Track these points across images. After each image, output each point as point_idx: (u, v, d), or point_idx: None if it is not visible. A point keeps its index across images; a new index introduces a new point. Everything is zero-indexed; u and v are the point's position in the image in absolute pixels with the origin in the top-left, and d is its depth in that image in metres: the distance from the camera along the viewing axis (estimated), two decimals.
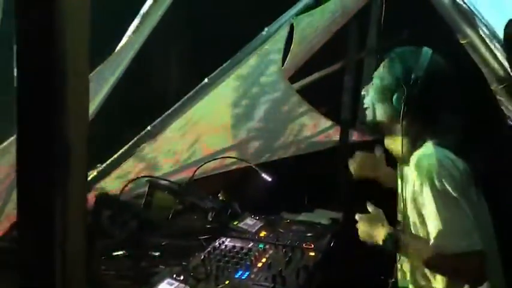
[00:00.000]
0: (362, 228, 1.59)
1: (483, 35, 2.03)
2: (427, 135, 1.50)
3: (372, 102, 1.60)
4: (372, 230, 1.55)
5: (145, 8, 1.57)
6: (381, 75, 1.57)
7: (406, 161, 1.55)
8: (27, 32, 0.49)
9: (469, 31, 2.04)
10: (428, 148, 1.48)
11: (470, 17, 2.02)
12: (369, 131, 1.63)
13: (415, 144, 1.52)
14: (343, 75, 2.78)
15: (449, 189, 1.38)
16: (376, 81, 1.59)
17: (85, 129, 0.52)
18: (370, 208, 1.62)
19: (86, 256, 0.55)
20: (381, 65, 1.60)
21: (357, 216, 1.62)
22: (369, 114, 1.62)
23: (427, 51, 1.53)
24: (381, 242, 1.52)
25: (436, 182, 1.39)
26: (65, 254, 0.49)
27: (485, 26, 2.03)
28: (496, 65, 2.01)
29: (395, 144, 1.58)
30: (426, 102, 1.49)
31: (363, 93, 1.65)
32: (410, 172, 1.52)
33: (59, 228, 0.50)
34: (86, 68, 0.52)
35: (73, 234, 0.51)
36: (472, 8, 2.01)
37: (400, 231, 1.56)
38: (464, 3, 2.02)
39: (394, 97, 1.51)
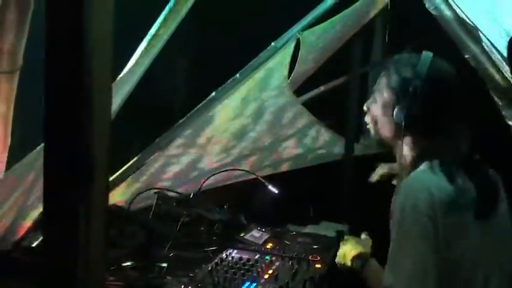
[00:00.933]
0: (342, 249, 1.60)
1: (486, 49, 2.05)
2: (429, 152, 1.37)
3: (373, 117, 1.50)
4: (349, 252, 1.56)
5: (154, 27, 1.60)
6: (380, 89, 1.47)
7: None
8: (56, 41, 0.52)
9: (472, 45, 2.06)
10: (416, 173, 1.34)
11: (473, 31, 2.05)
12: (378, 147, 1.54)
13: (417, 162, 1.38)
14: (348, 89, 2.81)
15: (413, 227, 1.25)
16: (375, 95, 1.49)
17: (107, 139, 0.55)
18: (362, 236, 1.61)
19: (105, 263, 0.58)
20: (380, 77, 1.50)
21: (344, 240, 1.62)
22: (371, 130, 1.53)
23: (426, 56, 1.39)
24: (349, 263, 1.53)
25: (399, 214, 1.28)
26: (88, 259, 0.52)
27: (487, 39, 2.05)
28: (499, 79, 2.04)
29: (399, 159, 1.46)
30: (427, 115, 1.36)
31: (364, 108, 1.55)
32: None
33: (82, 235, 0.52)
34: (110, 82, 0.56)
35: (95, 241, 0.53)
36: (474, 22, 2.04)
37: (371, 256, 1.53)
38: (467, 17, 2.05)
39: (395, 112, 1.39)
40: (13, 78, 1.09)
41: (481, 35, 2.03)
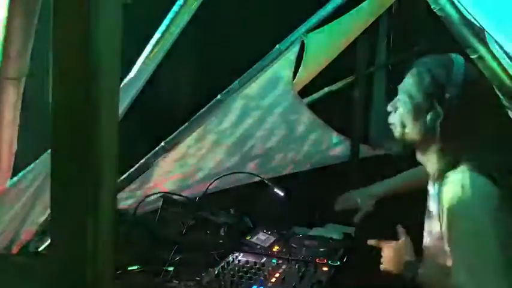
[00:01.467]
0: (387, 255, 1.51)
1: (493, 50, 2.03)
2: (464, 155, 1.36)
3: (401, 120, 1.46)
4: (396, 259, 1.47)
5: (159, 32, 1.61)
6: (409, 90, 1.44)
7: (439, 179, 1.41)
8: (63, 44, 0.52)
9: (478, 46, 2.04)
10: (464, 177, 1.32)
11: (480, 32, 2.04)
12: (398, 149, 1.49)
13: (450, 163, 1.37)
14: (353, 90, 2.80)
15: (481, 231, 1.23)
16: (403, 97, 1.45)
17: (115, 144, 0.55)
18: (401, 235, 1.52)
19: (114, 267, 0.57)
20: (407, 77, 1.47)
21: (383, 244, 1.53)
22: (397, 131, 1.49)
23: (459, 61, 1.40)
24: (398, 270, 1.44)
25: (465, 222, 1.26)
26: (96, 262, 0.51)
27: (494, 40, 2.03)
28: (507, 80, 2.02)
29: (430, 162, 1.46)
30: (464, 120, 1.35)
31: (389, 109, 1.51)
32: (443, 191, 1.38)
33: (90, 241, 0.52)
34: (117, 86, 0.55)
35: (103, 247, 0.53)
36: (480, 23, 2.02)
37: (421, 262, 1.45)
38: (474, 18, 2.03)
39: (428, 117, 1.38)
40: (19, 84, 1.09)
41: (487, 36, 2.01)
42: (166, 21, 1.65)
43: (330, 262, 1.83)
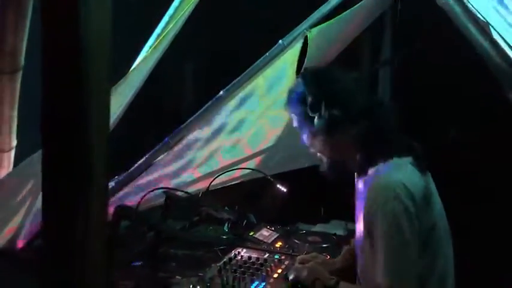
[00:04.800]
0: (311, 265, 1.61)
1: (497, 44, 2.02)
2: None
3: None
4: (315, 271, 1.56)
5: (161, 25, 1.60)
6: (298, 119, 1.55)
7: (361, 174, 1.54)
8: (53, 47, 0.52)
9: (483, 41, 2.03)
10: (386, 173, 1.44)
11: (484, 27, 2.02)
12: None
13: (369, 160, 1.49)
14: None
15: (403, 226, 1.34)
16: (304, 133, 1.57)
17: (106, 139, 0.55)
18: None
19: (106, 261, 0.58)
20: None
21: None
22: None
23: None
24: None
25: (390, 217, 1.35)
26: (85, 256, 0.51)
27: (499, 34, 2.01)
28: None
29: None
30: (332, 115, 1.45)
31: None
32: (365, 187, 1.49)
33: (80, 237, 0.52)
34: (109, 80, 0.55)
35: (94, 243, 0.53)
36: (484, 16, 2.00)
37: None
38: (478, 12, 2.01)
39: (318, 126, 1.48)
40: (15, 78, 1.10)
41: (492, 30, 2.00)
42: (167, 15, 1.64)
43: (333, 258, 1.83)
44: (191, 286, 1.56)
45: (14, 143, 1.27)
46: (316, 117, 1.47)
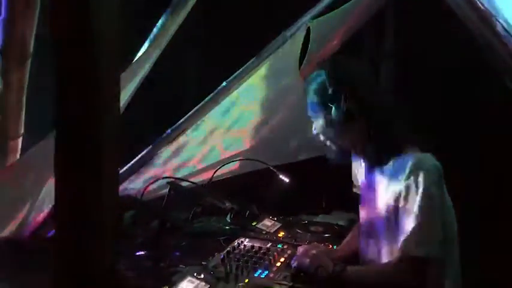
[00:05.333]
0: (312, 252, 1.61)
1: (501, 36, 2.01)
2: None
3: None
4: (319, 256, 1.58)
5: (162, 19, 1.60)
6: (315, 108, 1.58)
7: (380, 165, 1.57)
8: (62, 40, 0.53)
9: (487, 33, 2.02)
10: (421, 154, 1.49)
11: (488, 18, 2.01)
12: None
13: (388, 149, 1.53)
14: None
15: (437, 197, 1.43)
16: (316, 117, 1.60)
17: (116, 130, 0.56)
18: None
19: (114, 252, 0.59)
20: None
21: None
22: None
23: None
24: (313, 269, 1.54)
25: (431, 187, 1.42)
26: (97, 247, 0.52)
27: (502, 26, 2.01)
28: None
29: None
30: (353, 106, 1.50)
31: (314, 132, 1.65)
32: (386, 176, 1.54)
33: (92, 226, 0.53)
34: (117, 71, 0.56)
35: (105, 232, 0.54)
36: (488, 6, 1.99)
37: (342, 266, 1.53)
38: (482, 4, 2.01)
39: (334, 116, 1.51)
40: (24, 66, 1.11)
41: (496, 22, 1.99)
42: (169, 8, 1.65)
43: (335, 247, 1.84)
44: (195, 274, 1.57)
45: (22, 130, 1.28)
46: (333, 107, 1.51)
